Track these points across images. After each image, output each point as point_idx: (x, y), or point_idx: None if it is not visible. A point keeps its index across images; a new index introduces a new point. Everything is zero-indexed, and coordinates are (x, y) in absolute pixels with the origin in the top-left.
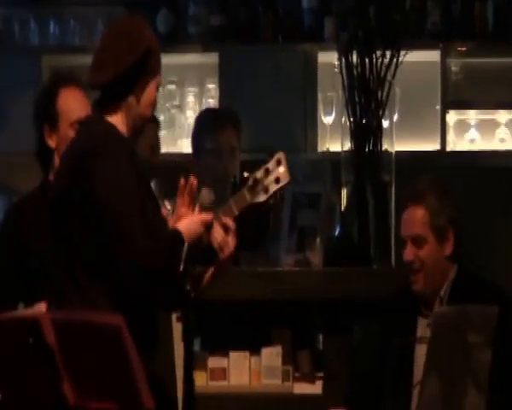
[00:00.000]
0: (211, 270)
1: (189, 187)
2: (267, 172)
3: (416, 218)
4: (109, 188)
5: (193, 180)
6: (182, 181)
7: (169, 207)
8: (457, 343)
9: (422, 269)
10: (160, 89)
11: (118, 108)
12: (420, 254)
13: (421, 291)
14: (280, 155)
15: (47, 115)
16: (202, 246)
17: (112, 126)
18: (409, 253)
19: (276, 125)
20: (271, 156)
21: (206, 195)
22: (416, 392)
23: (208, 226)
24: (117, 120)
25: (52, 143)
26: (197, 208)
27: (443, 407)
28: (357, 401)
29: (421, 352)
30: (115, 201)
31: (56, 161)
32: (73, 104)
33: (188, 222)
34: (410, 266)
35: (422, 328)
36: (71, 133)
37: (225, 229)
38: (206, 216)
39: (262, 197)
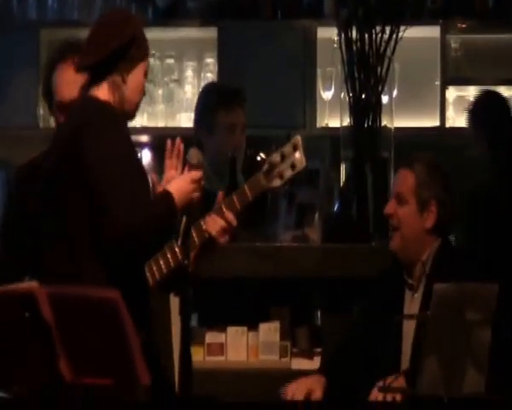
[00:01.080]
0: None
1: (176, 150)
2: (283, 157)
3: (404, 180)
4: (101, 153)
5: (179, 143)
6: (168, 144)
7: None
8: (457, 321)
9: (399, 228)
10: (159, 63)
11: (103, 85)
12: (399, 212)
13: (396, 251)
14: (297, 140)
15: (47, 94)
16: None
17: (101, 101)
18: (389, 207)
19: (275, 100)
20: (288, 139)
21: (195, 154)
22: (404, 364)
23: (198, 182)
24: (104, 97)
25: (60, 119)
26: (186, 168)
27: (442, 386)
28: (345, 375)
29: (408, 327)
30: (107, 165)
31: None
32: (61, 85)
33: (177, 182)
34: (389, 220)
35: (408, 298)
36: (58, 114)
37: (227, 223)
38: (195, 174)
39: (277, 183)
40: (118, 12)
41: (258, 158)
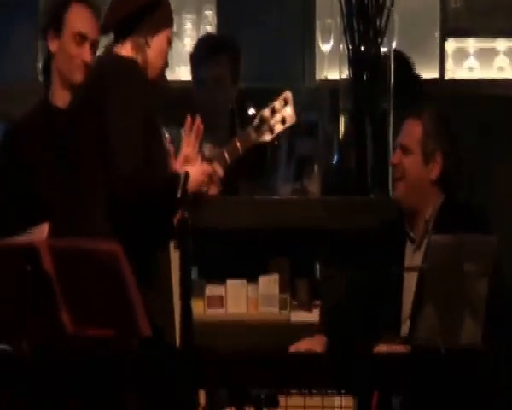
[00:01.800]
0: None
1: (195, 128)
2: (273, 111)
3: (411, 130)
4: (120, 108)
5: (199, 122)
6: (188, 120)
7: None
8: (454, 273)
9: (404, 177)
10: None
11: (127, 43)
12: (404, 161)
13: (400, 200)
14: (287, 95)
15: (54, 20)
16: None
17: (127, 58)
18: (395, 157)
19: (274, 52)
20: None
21: (208, 149)
22: (404, 319)
23: (211, 177)
24: (128, 55)
25: (53, 47)
26: (199, 158)
27: (440, 336)
28: (346, 331)
29: (410, 280)
30: (123, 118)
31: (56, 79)
32: (81, 18)
33: (192, 169)
34: (394, 170)
35: (410, 253)
36: (72, 46)
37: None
38: (208, 167)
39: (267, 137)
40: None
41: (250, 112)
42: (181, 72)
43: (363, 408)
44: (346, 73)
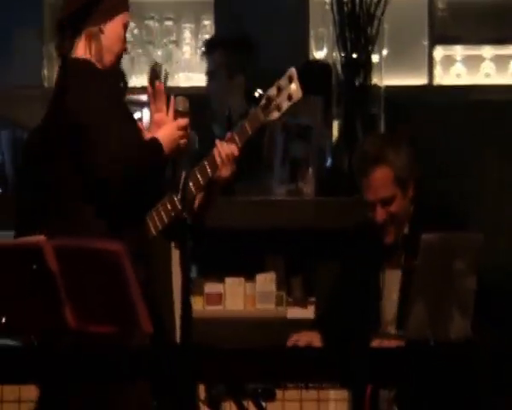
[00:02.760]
0: (200, 196)
1: (156, 92)
2: (279, 89)
3: (383, 180)
4: (85, 104)
5: (159, 85)
6: (149, 88)
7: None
8: (444, 269)
9: (394, 222)
10: (158, 25)
11: (81, 39)
12: (390, 210)
13: (392, 242)
14: (291, 72)
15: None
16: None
17: (79, 61)
18: (381, 214)
19: (269, 61)
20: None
21: (181, 101)
22: (384, 314)
23: (185, 129)
24: (82, 53)
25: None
26: (172, 113)
27: (430, 331)
28: (330, 321)
29: (389, 277)
30: (91, 114)
31: None
32: None
33: (164, 128)
34: (381, 223)
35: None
36: None
37: (230, 151)
38: (182, 121)
39: (275, 115)
40: None
41: (256, 94)
42: (180, 79)
43: (357, 400)
44: (338, 79)
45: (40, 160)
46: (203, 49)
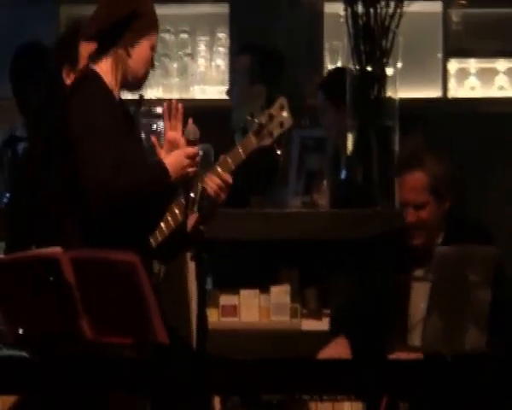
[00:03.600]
0: (195, 215)
1: (174, 110)
2: (271, 117)
3: (416, 184)
4: (82, 124)
5: (175, 103)
6: (165, 105)
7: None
8: (458, 282)
9: (424, 227)
10: (173, 38)
11: (106, 57)
12: (421, 215)
13: (421, 245)
14: (282, 100)
15: (69, 56)
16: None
17: (92, 72)
18: (411, 216)
19: (284, 72)
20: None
21: (192, 130)
22: (410, 326)
23: (193, 158)
24: (104, 69)
25: (69, 80)
26: (183, 141)
27: (445, 344)
28: (357, 333)
29: (417, 289)
30: (86, 135)
31: None
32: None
33: (174, 155)
34: (412, 226)
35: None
36: None
37: (223, 181)
38: (191, 150)
39: (267, 141)
40: None
41: (248, 119)
42: (195, 91)
43: None
44: (353, 92)
45: (36, 169)
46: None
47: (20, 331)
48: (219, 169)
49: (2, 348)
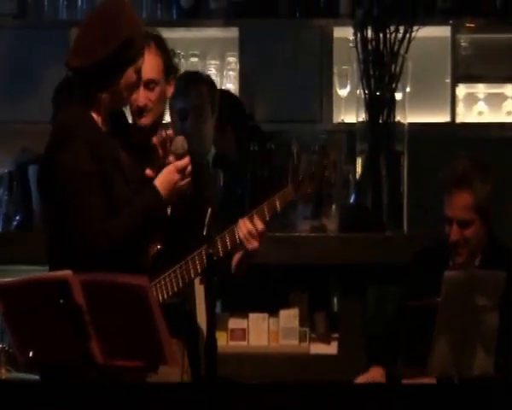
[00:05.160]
0: (239, 254)
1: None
2: (308, 171)
3: (463, 203)
4: (66, 177)
5: (171, 132)
6: (162, 133)
7: None
8: (467, 306)
9: (467, 245)
10: (183, 61)
11: (92, 98)
12: (465, 233)
13: (463, 264)
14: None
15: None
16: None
17: (79, 113)
18: (455, 234)
19: (294, 97)
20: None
21: (179, 142)
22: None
23: (183, 171)
24: (92, 109)
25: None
26: (171, 157)
27: (453, 367)
28: (373, 356)
29: None
30: (72, 188)
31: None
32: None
33: (163, 174)
34: (456, 244)
35: None
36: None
37: (255, 229)
38: (181, 163)
39: (304, 195)
40: (113, 4)
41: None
42: None
43: None
44: (362, 116)
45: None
46: (184, 80)
47: (30, 354)
48: (254, 216)
49: (12, 371)
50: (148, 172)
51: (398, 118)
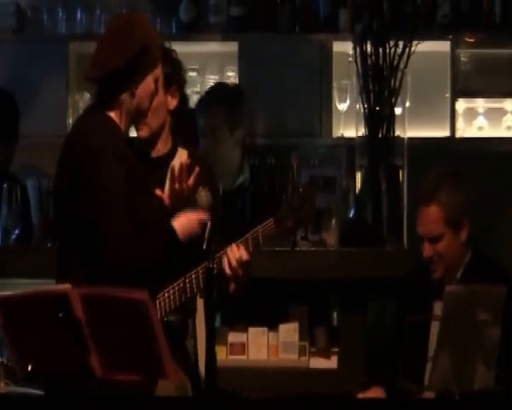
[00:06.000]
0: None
1: (194, 170)
2: (302, 201)
3: (431, 218)
4: (93, 192)
5: (183, 165)
6: (189, 157)
7: None
8: (468, 321)
9: (441, 260)
10: None
11: (112, 103)
12: (437, 248)
13: (440, 278)
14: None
15: None
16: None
17: (104, 121)
18: (427, 250)
19: (293, 111)
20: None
21: (205, 196)
22: (429, 367)
23: (204, 225)
24: (113, 115)
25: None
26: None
27: (454, 382)
28: (373, 374)
29: (436, 329)
30: (100, 203)
31: None
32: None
33: (184, 220)
34: (430, 260)
35: (438, 309)
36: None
37: (239, 260)
38: (203, 217)
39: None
40: (129, 16)
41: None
42: None
43: None
44: (362, 131)
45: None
46: (204, 100)
47: (30, 368)
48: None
49: (11, 384)
50: (159, 192)
51: (397, 132)
